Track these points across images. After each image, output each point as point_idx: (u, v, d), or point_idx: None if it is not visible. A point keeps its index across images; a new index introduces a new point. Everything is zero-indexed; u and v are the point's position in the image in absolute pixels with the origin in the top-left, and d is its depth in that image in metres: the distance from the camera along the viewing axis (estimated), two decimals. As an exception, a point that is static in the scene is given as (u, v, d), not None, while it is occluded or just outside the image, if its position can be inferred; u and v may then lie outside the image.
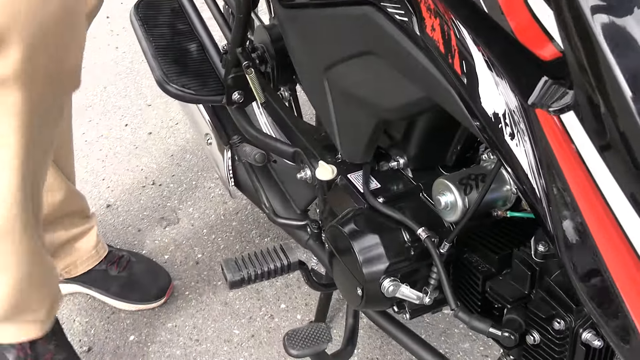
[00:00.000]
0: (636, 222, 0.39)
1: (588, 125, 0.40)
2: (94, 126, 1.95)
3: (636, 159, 0.37)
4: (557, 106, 0.43)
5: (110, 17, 2.49)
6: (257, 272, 0.94)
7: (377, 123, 0.84)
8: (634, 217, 0.39)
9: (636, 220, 0.39)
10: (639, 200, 0.38)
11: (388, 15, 0.68)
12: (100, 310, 1.42)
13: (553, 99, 0.44)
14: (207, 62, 1.25)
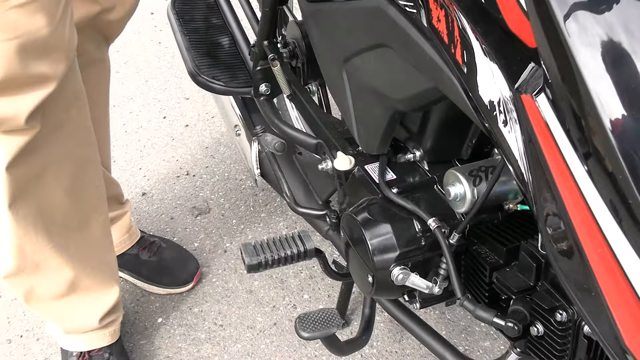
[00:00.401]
0: (599, 206, 0.40)
1: (556, 108, 0.41)
2: (134, 118, 2.02)
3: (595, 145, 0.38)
4: (534, 89, 0.44)
5: (155, 13, 2.57)
6: (274, 258, 0.97)
7: (392, 114, 0.86)
8: (598, 200, 0.40)
9: (600, 204, 0.40)
10: (598, 181, 0.39)
11: (399, 8, 0.71)
12: (131, 292, 1.48)
13: (535, 83, 0.45)
14: (237, 56, 1.29)
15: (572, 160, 0.43)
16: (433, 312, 1.42)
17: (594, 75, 0.39)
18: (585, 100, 0.39)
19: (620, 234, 0.41)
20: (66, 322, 1.23)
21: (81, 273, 1.16)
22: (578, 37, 0.39)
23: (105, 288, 1.22)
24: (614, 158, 0.40)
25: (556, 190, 0.45)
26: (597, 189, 0.43)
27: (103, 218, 1.18)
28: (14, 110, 0.89)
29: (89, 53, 1.24)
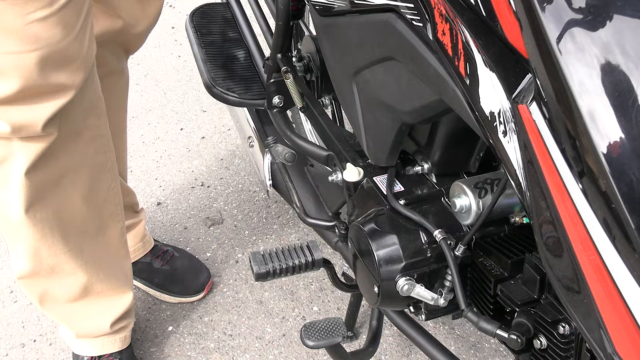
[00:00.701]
0: (593, 220, 0.41)
1: (548, 120, 0.42)
2: (152, 129, 2.06)
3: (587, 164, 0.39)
4: (529, 99, 0.45)
5: (175, 27, 2.62)
6: (282, 267, 0.98)
7: (399, 126, 0.87)
8: (591, 215, 0.41)
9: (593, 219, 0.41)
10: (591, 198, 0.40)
11: (407, 21, 0.72)
12: (143, 300, 1.49)
13: (530, 94, 0.46)
14: (252, 69, 1.32)
15: (565, 173, 0.44)
16: (442, 328, 1.42)
17: (583, 91, 0.40)
18: (575, 115, 0.40)
19: (607, 241, 0.41)
20: (78, 326, 1.26)
21: (95, 278, 1.18)
22: (568, 52, 0.41)
23: (118, 294, 1.24)
24: (605, 178, 0.41)
25: (551, 200, 0.46)
26: (590, 205, 0.44)
27: (120, 225, 1.21)
28: (32, 117, 0.92)
29: (109, 64, 1.27)
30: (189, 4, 2.82)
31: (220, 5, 1.49)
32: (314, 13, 1.02)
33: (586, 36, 0.41)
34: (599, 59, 0.41)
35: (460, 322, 1.43)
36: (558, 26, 0.42)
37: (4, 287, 1.54)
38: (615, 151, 0.42)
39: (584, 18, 0.41)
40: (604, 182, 0.40)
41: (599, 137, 0.40)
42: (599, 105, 0.40)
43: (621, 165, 0.41)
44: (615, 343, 0.46)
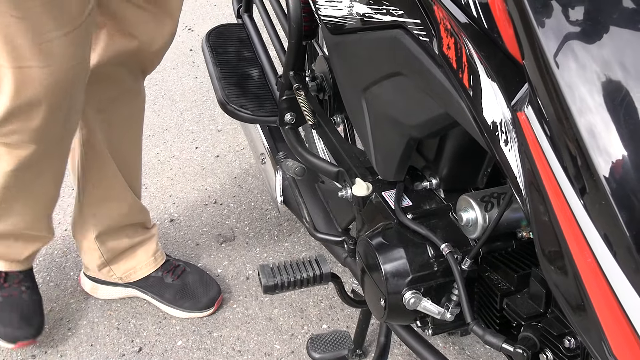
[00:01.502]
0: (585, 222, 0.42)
1: (545, 128, 0.44)
2: (167, 147, 2.09)
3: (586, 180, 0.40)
4: (524, 103, 0.47)
5: (193, 50, 2.67)
6: (291, 280, 0.99)
7: (407, 141, 0.88)
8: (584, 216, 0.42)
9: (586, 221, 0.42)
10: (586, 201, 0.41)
11: (414, 37, 0.74)
12: (153, 315, 1.50)
13: (526, 99, 0.47)
14: (265, 87, 1.35)
15: (562, 179, 0.45)
16: (453, 348, 1.41)
17: (581, 105, 0.41)
18: (572, 126, 0.41)
19: (605, 248, 0.42)
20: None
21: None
22: (557, 54, 0.42)
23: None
24: (605, 196, 0.42)
25: (550, 206, 0.46)
26: (589, 215, 0.45)
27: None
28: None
29: (125, 83, 1.30)
30: (207, 28, 2.88)
31: (236, 26, 1.53)
32: (325, 31, 1.04)
33: (584, 51, 0.42)
34: (596, 74, 0.42)
35: (471, 343, 1.42)
36: (553, 35, 0.43)
37: None
38: (613, 166, 0.42)
39: (577, 27, 0.42)
40: (601, 192, 0.41)
41: (597, 151, 0.41)
42: (597, 118, 0.41)
43: (619, 179, 0.41)
44: (616, 353, 0.47)
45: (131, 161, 1.43)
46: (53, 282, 1.60)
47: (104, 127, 1.32)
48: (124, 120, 1.36)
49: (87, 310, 1.52)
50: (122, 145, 1.39)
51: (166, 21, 1.23)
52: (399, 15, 0.76)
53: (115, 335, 1.46)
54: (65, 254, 1.68)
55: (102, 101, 1.28)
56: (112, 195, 1.40)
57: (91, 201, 1.40)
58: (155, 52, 1.28)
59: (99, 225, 1.42)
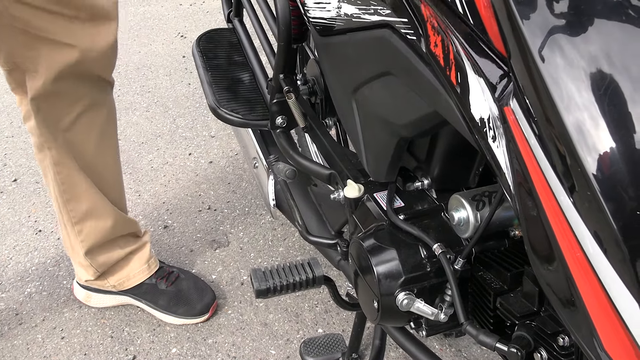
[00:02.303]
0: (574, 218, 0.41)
1: (528, 116, 0.43)
2: (160, 154, 2.09)
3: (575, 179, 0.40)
4: (509, 96, 0.46)
5: (186, 56, 2.67)
6: (283, 283, 0.98)
7: (397, 141, 0.88)
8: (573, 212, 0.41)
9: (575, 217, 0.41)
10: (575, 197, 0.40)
11: (401, 36, 0.73)
12: (147, 322, 1.49)
13: (511, 95, 0.47)
14: (256, 90, 1.34)
15: (550, 174, 0.44)
16: (449, 350, 1.40)
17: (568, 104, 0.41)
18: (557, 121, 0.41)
19: (595, 244, 0.41)
20: None
21: None
22: (550, 63, 0.42)
23: None
24: (593, 191, 0.42)
25: (538, 201, 0.46)
26: (578, 211, 0.44)
27: None
28: None
29: (86, 98, 1.24)
30: (199, 34, 2.88)
31: (227, 31, 1.53)
32: (314, 33, 1.03)
33: (569, 45, 0.42)
34: (582, 68, 0.42)
35: (468, 344, 1.41)
36: (541, 37, 0.43)
37: (11, 309, 1.54)
38: (601, 161, 0.42)
39: (566, 27, 0.42)
40: (589, 188, 0.40)
41: (584, 147, 0.41)
42: (584, 113, 0.41)
43: (607, 174, 0.41)
44: (607, 348, 0.46)
45: (108, 176, 1.39)
46: (46, 291, 1.59)
47: (73, 146, 1.28)
48: (93, 136, 1.31)
49: (80, 319, 1.51)
50: (96, 161, 1.33)
51: (99, 20, 1.17)
52: (387, 14, 0.76)
53: (109, 344, 1.45)
54: (58, 263, 1.67)
55: (65, 121, 1.24)
56: (93, 212, 1.37)
57: (73, 219, 1.37)
58: (102, 54, 1.20)
59: (87, 242, 1.40)
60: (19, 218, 1.83)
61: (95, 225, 1.38)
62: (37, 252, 1.71)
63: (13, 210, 1.86)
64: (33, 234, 1.77)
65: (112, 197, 1.40)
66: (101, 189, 1.36)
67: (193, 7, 3.14)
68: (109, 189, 1.38)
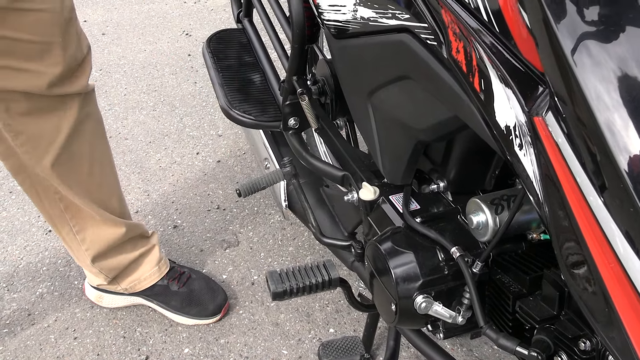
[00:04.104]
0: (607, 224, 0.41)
1: (564, 129, 0.43)
2: (168, 153, 2.09)
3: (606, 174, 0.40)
4: (544, 110, 0.46)
5: (192, 55, 2.67)
6: (299, 286, 0.98)
7: (415, 145, 0.88)
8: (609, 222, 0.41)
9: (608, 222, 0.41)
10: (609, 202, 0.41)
11: (421, 41, 0.73)
12: (159, 322, 1.50)
13: (545, 106, 0.47)
14: (268, 91, 1.34)
15: (584, 184, 0.44)
16: (460, 350, 1.41)
17: (601, 104, 0.41)
18: (591, 125, 0.41)
19: (627, 246, 0.42)
20: None
21: None
22: (583, 63, 0.42)
23: None
24: (626, 188, 0.42)
25: (570, 211, 0.46)
26: (611, 214, 0.44)
27: None
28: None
29: (73, 110, 1.17)
30: (204, 32, 2.88)
31: (236, 31, 1.53)
32: (328, 36, 1.04)
33: (601, 48, 0.42)
34: (615, 71, 0.42)
35: (479, 344, 1.42)
36: (573, 39, 0.43)
37: (23, 310, 1.55)
38: (635, 163, 0.42)
39: (599, 31, 0.42)
40: (624, 193, 0.40)
41: (618, 149, 0.41)
42: (616, 117, 0.41)
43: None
44: (638, 352, 0.46)
45: (108, 187, 1.33)
46: (57, 291, 1.60)
47: (60, 176, 1.22)
48: (88, 149, 1.24)
49: (92, 319, 1.51)
50: (90, 182, 1.27)
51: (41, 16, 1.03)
52: (405, 19, 0.76)
53: (121, 344, 1.45)
54: (69, 263, 1.67)
55: (53, 151, 1.17)
56: (94, 221, 1.34)
57: (75, 227, 1.34)
58: (69, 64, 1.10)
59: (91, 250, 1.37)
60: (29, 218, 1.83)
61: (97, 233, 1.35)
62: (48, 252, 1.71)
63: (23, 210, 1.86)
64: (43, 234, 1.77)
65: (113, 209, 1.35)
66: (98, 200, 1.31)
67: (197, 4, 3.13)
68: (108, 204, 1.34)
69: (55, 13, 1.05)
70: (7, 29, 1.00)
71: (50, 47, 1.06)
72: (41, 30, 1.04)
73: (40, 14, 1.02)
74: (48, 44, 1.05)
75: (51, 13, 1.04)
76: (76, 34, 1.12)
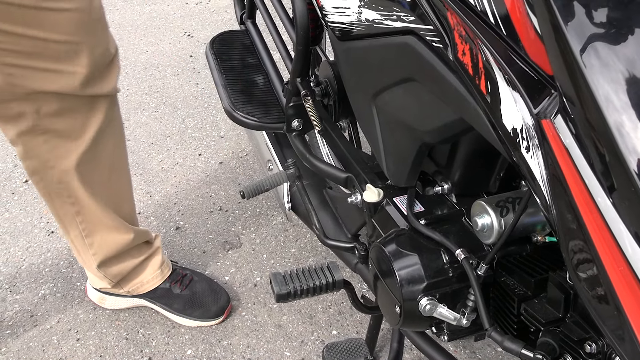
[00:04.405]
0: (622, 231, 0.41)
1: (573, 131, 0.43)
2: (170, 155, 2.09)
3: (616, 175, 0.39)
4: (553, 114, 0.46)
5: (194, 56, 2.67)
6: (303, 288, 0.98)
7: (419, 146, 0.88)
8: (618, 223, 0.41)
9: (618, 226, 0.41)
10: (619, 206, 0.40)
11: (426, 43, 0.73)
12: (162, 324, 1.50)
13: (554, 109, 0.47)
14: (271, 93, 1.34)
15: (594, 187, 0.44)
16: (463, 352, 1.41)
17: (611, 105, 0.41)
18: (603, 130, 0.41)
19: (636, 247, 0.42)
20: None
21: None
22: (593, 66, 0.42)
23: None
24: (635, 191, 0.42)
25: (578, 214, 0.46)
26: (620, 216, 0.44)
27: None
28: None
29: (101, 111, 1.18)
30: (206, 34, 2.88)
31: (239, 32, 1.53)
32: (332, 38, 1.04)
33: (611, 51, 0.42)
34: (624, 73, 0.42)
35: (482, 346, 1.42)
36: (583, 42, 0.43)
37: (25, 311, 1.55)
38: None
39: (608, 32, 0.42)
40: (633, 194, 0.40)
41: (628, 151, 0.41)
42: (626, 118, 0.41)
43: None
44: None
45: (122, 193, 1.35)
46: (60, 293, 1.60)
47: (82, 176, 1.23)
48: (108, 156, 1.25)
49: (95, 321, 1.51)
50: (111, 178, 1.29)
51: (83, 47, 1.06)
52: (411, 21, 0.76)
53: (124, 346, 1.45)
54: (71, 265, 1.67)
55: (78, 150, 1.18)
56: (104, 226, 1.34)
57: (84, 232, 1.34)
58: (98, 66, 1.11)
59: (99, 255, 1.37)
60: (31, 219, 1.83)
61: (106, 238, 1.35)
62: (50, 253, 1.71)
63: (25, 211, 1.86)
64: (46, 235, 1.77)
65: (125, 215, 1.36)
66: (112, 203, 1.32)
67: (199, 5, 3.13)
68: (120, 202, 1.35)
69: (84, 13, 1.05)
70: (36, 28, 1.01)
71: (79, 47, 1.06)
72: (70, 30, 1.04)
73: (68, 14, 1.02)
74: (77, 43, 1.05)
75: (80, 13, 1.04)
76: (105, 34, 1.12)
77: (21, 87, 1.06)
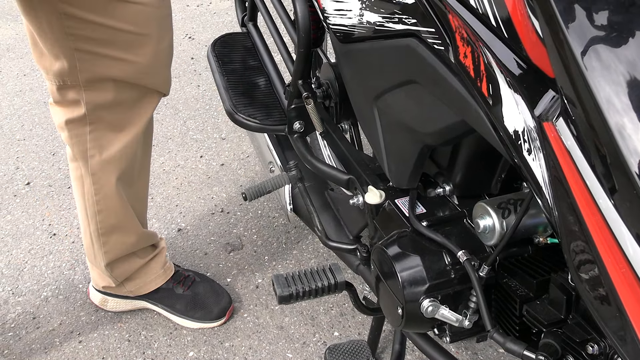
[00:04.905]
0: (623, 232, 0.41)
1: (575, 133, 0.43)
2: (172, 157, 2.09)
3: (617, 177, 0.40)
4: (554, 117, 0.46)
5: (195, 58, 2.68)
6: (306, 289, 0.99)
7: (421, 148, 0.88)
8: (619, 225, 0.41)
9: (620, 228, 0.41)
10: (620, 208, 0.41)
11: (428, 46, 0.74)
12: (164, 326, 1.50)
13: (555, 111, 0.47)
14: (273, 95, 1.34)
15: (595, 189, 0.45)
16: (465, 353, 1.41)
17: (612, 107, 0.41)
18: (605, 131, 0.41)
19: (638, 248, 0.42)
20: None
21: None
22: (594, 68, 0.42)
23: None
24: (636, 192, 0.42)
25: (580, 215, 0.46)
26: (621, 217, 0.45)
27: None
28: None
29: (148, 108, 1.23)
30: (207, 36, 2.88)
31: (241, 35, 1.53)
32: (334, 40, 1.04)
33: (612, 53, 0.42)
34: (625, 75, 0.42)
35: (483, 347, 1.42)
36: (584, 44, 0.43)
37: (28, 314, 1.55)
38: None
39: (609, 35, 0.42)
40: (635, 195, 0.41)
41: (629, 153, 0.41)
42: (627, 121, 0.41)
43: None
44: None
45: (141, 190, 1.39)
46: (62, 295, 1.60)
47: (118, 169, 1.27)
48: (140, 149, 1.29)
49: (97, 323, 1.52)
50: (139, 174, 1.33)
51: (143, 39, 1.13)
52: (412, 24, 0.76)
53: (126, 348, 1.45)
54: (74, 267, 1.68)
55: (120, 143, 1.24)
56: (121, 227, 1.36)
57: (101, 230, 1.36)
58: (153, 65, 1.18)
59: (110, 254, 1.39)
60: (33, 221, 1.84)
61: (120, 239, 1.38)
62: (52, 255, 1.72)
63: (27, 213, 1.87)
64: (48, 238, 1.77)
65: (140, 214, 1.39)
66: (131, 202, 1.35)
67: (200, 8, 3.14)
68: (140, 207, 1.39)
69: (155, 7, 1.13)
70: (112, 18, 1.08)
71: (146, 39, 1.14)
72: (141, 22, 1.12)
73: (141, 7, 1.11)
74: (145, 35, 1.13)
75: (151, 7, 1.12)
76: (171, 29, 1.20)
77: (86, 71, 1.12)
